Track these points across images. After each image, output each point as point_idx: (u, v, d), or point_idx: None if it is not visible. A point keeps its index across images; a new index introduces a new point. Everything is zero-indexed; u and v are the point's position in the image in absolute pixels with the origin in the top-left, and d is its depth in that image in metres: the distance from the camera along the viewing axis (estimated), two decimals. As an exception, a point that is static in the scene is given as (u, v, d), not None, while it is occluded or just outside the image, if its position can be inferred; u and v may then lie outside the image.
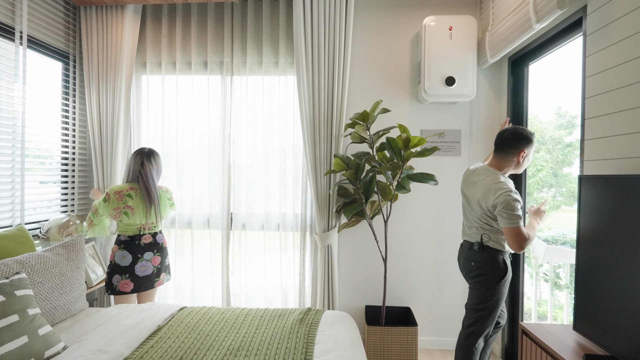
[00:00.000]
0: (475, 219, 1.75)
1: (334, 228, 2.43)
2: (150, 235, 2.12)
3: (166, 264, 2.19)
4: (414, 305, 2.59)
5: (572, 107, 3.47)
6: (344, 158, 2.22)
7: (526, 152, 1.69)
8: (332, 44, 2.38)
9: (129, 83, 2.50)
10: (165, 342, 1.41)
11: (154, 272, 2.11)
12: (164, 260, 2.17)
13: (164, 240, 2.19)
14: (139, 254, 2.08)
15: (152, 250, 2.11)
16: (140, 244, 2.08)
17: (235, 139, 2.59)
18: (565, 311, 2.57)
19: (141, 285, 2.07)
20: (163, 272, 2.16)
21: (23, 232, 1.83)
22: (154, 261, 2.11)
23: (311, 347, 1.40)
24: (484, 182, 1.70)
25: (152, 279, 2.10)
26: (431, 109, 2.58)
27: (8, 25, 2.02)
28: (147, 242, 2.10)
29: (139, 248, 2.09)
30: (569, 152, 3.58)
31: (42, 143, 2.31)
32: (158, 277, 2.13)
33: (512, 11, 2.00)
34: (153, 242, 2.12)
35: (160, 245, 2.16)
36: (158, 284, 2.14)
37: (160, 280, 2.15)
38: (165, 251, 2.19)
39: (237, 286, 2.60)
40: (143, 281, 2.07)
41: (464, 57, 2.36)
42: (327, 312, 1.78)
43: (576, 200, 3.27)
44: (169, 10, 2.57)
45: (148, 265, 2.09)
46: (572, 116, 3.57)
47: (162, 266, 2.15)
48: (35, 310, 1.30)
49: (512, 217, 1.55)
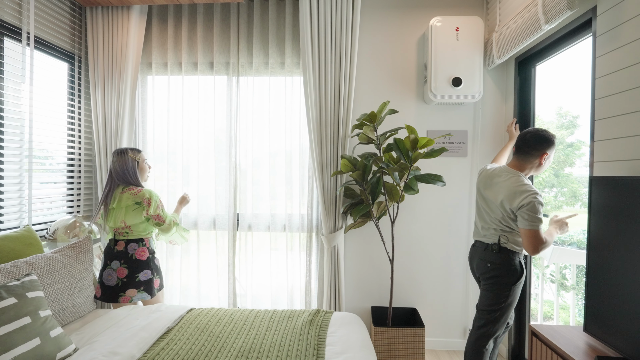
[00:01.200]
0: (494, 221, 1.74)
1: (341, 229, 2.43)
2: (123, 242, 1.95)
3: (138, 280, 1.91)
4: (420, 306, 2.58)
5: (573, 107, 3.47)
6: (351, 159, 2.22)
7: (548, 154, 1.69)
8: (339, 45, 2.38)
9: (134, 84, 2.50)
10: (176, 344, 1.41)
11: (117, 284, 1.89)
12: (135, 275, 1.91)
13: (137, 252, 1.95)
14: (109, 260, 1.95)
15: (120, 259, 1.93)
16: (114, 250, 1.95)
17: (241, 140, 2.59)
18: (571, 312, 2.57)
19: (107, 295, 1.90)
20: (132, 288, 1.90)
21: (31, 233, 1.83)
22: (120, 272, 1.91)
23: (322, 348, 1.40)
24: (506, 183, 1.69)
25: (116, 291, 1.89)
26: (437, 110, 2.58)
27: (15, 25, 2.02)
28: (119, 249, 1.94)
29: (110, 254, 1.96)
30: (570, 153, 3.58)
31: (48, 144, 2.31)
32: (123, 293, 1.88)
33: (520, 12, 2.00)
34: (123, 251, 1.94)
35: (129, 256, 1.92)
36: (123, 299, 1.88)
37: (127, 297, 1.88)
38: (137, 264, 1.93)
39: (243, 287, 2.59)
40: (108, 291, 1.90)
41: (471, 57, 2.36)
42: (336, 314, 1.78)
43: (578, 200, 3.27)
44: (174, 10, 2.57)
45: (113, 275, 1.91)
46: (573, 116, 3.57)
47: (129, 280, 1.90)
48: (46, 312, 1.30)
49: (533, 219, 1.55)
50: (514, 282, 1.69)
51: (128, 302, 1.90)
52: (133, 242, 1.96)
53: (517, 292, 1.71)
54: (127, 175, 1.98)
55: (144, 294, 1.94)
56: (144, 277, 1.94)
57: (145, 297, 1.94)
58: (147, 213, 1.93)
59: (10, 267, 1.45)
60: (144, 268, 1.95)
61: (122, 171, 1.97)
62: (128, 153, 2.00)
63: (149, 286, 1.96)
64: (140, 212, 1.95)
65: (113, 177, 1.99)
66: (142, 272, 1.94)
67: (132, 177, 1.99)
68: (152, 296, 1.98)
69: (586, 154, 2.98)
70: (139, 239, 1.98)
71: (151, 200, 1.95)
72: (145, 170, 2.09)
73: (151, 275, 1.98)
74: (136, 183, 2.00)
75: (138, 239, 1.98)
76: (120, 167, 1.97)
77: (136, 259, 1.94)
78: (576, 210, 3.03)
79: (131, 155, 2.01)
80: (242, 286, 2.60)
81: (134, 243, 1.96)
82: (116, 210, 1.95)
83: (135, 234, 1.97)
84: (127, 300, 1.89)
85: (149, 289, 1.96)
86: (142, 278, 1.94)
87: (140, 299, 1.93)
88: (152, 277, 1.99)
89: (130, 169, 1.99)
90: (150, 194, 1.97)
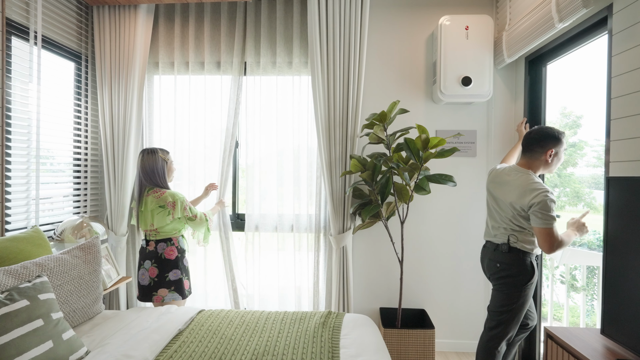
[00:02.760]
0: (504, 220, 1.73)
1: (349, 230, 2.41)
2: (153, 242, 1.99)
3: (168, 280, 1.94)
4: (429, 307, 2.56)
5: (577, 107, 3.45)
6: (360, 159, 2.20)
7: (554, 151, 1.67)
8: (347, 44, 2.36)
9: (141, 83, 2.48)
10: (188, 346, 1.39)
11: (150, 284, 1.94)
12: (165, 275, 1.94)
13: (166, 251, 1.97)
14: (142, 260, 2.00)
15: (151, 259, 1.96)
16: (146, 250, 1.99)
17: (249, 140, 2.57)
18: (581, 313, 2.54)
19: (142, 294, 1.96)
20: (163, 288, 1.93)
21: (39, 233, 1.81)
22: (151, 272, 1.95)
23: (336, 351, 1.38)
24: (517, 182, 1.68)
25: (149, 290, 1.93)
26: (446, 109, 2.55)
27: (23, 25, 2.00)
28: (150, 249, 1.98)
29: (142, 254, 2.01)
30: (572, 152, 3.57)
31: (55, 144, 2.29)
32: (155, 292, 1.92)
33: (532, 10, 1.98)
34: (153, 251, 1.97)
35: (159, 255, 1.95)
36: (156, 299, 1.92)
37: (159, 296, 1.92)
38: (166, 264, 1.95)
39: (245, 287, 2.57)
40: (143, 291, 1.96)
41: (481, 56, 2.34)
42: (348, 315, 1.76)
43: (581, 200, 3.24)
44: (181, 9, 2.55)
45: (146, 275, 1.96)
46: (576, 116, 3.55)
47: (160, 280, 1.93)
48: (58, 314, 1.28)
49: (546, 217, 1.53)
50: (525, 283, 1.66)
51: (160, 301, 1.91)
52: (162, 242, 1.97)
53: (529, 293, 1.69)
54: (155, 175, 1.97)
55: (175, 294, 1.94)
56: (174, 276, 1.95)
57: (177, 298, 1.95)
58: (173, 217, 1.94)
59: (20, 269, 1.44)
60: (172, 267, 1.96)
61: (152, 171, 1.96)
62: (158, 153, 2.00)
63: (179, 286, 1.96)
64: (164, 215, 1.94)
65: (141, 178, 1.98)
66: (172, 272, 1.95)
67: (161, 178, 1.99)
68: (184, 297, 1.98)
69: (588, 154, 2.96)
70: (167, 239, 1.99)
71: (175, 203, 1.94)
72: (172, 171, 2.11)
73: (180, 275, 1.99)
74: (163, 184, 2.00)
75: (166, 238, 1.99)
76: (150, 167, 1.96)
77: (165, 259, 1.95)
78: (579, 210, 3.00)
79: (161, 155, 2.01)
80: (243, 286, 2.57)
81: (163, 243, 1.97)
82: (144, 213, 1.96)
83: (162, 234, 1.98)
84: (159, 299, 1.91)
85: (180, 290, 1.96)
86: (172, 278, 1.95)
87: (172, 299, 1.93)
88: (182, 277, 1.99)
89: (160, 169, 1.99)
90: (174, 196, 1.95)
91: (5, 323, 1.08)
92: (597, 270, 2.50)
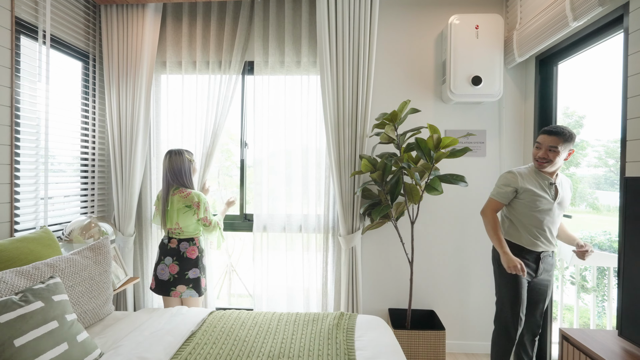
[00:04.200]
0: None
1: (358, 230, 2.39)
2: (176, 241, 2.06)
3: (188, 277, 2.02)
4: (438, 308, 2.55)
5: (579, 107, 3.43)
6: (370, 159, 2.19)
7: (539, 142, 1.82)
8: (357, 43, 2.35)
9: (149, 83, 2.47)
10: (203, 348, 1.37)
11: (170, 279, 2.01)
12: (185, 272, 2.02)
13: (188, 250, 2.04)
14: (162, 255, 2.07)
15: (173, 256, 2.03)
16: (167, 246, 2.06)
17: (256, 140, 2.55)
18: (591, 315, 2.52)
19: (160, 288, 2.03)
20: (182, 285, 2.00)
21: (48, 234, 1.80)
22: (172, 269, 2.02)
23: (352, 353, 1.36)
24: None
25: (168, 285, 2.00)
26: (455, 109, 2.54)
27: (32, 24, 1.99)
28: (172, 246, 2.05)
29: (163, 249, 2.08)
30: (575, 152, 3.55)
31: (63, 144, 2.27)
32: (174, 287, 2.00)
33: (545, 9, 1.96)
34: (175, 249, 2.04)
35: (181, 254, 2.03)
36: (174, 294, 2.01)
37: (177, 292, 2.00)
38: (187, 262, 2.03)
39: (259, 288, 2.55)
40: (161, 285, 2.03)
41: (491, 56, 2.33)
42: (360, 317, 1.74)
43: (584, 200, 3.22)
44: (189, 9, 2.53)
45: (166, 271, 2.03)
46: (579, 116, 3.54)
47: (180, 277, 2.01)
48: (72, 316, 1.27)
49: (495, 187, 1.90)
50: (500, 271, 1.87)
51: (178, 296, 2.01)
52: (184, 241, 2.05)
53: (507, 282, 1.85)
54: (182, 175, 2.05)
55: (193, 291, 2.02)
56: (193, 275, 2.03)
57: (194, 295, 2.03)
58: (198, 216, 2.02)
59: (32, 270, 1.42)
60: (192, 266, 2.04)
61: (179, 171, 2.04)
62: (184, 154, 2.09)
63: (197, 284, 2.04)
64: (190, 215, 2.02)
65: (168, 178, 2.04)
66: (191, 270, 2.03)
67: (187, 178, 2.07)
68: (200, 295, 2.06)
69: (590, 154, 2.94)
70: (190, 238, 2.07)
71: (200, 203, 2.02)
72: (195, 172, 2.19)
73: (199, 274, 2.06)
74: (189, 184, 2.08)
75: (189, 238, 2.06)
76: (177, 168, 2.04)
77: (187, 257, 2.03)
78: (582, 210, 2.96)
79: (187, 156, 2.10)
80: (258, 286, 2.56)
81: (186, 242, 2.05)
82: (170, 212, 2.02)
83: (186, 233, 2.05)
84: (177, 295, 2.00)
85: (197, 288, 2.04)
86: (191, 276, 2.03)
87: (189, 295, 2.02)
88: (200, 275, 2.07)
89: (186, 169, 2.07)
90: (199, 197, 2.03)
91: (22, 325, 1.07)
92: (607, 271, 2.48)
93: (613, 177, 2.77)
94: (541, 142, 1.78)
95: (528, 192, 1.79)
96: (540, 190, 1.79)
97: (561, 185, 1.83)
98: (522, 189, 1.81)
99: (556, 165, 1.77)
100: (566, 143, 1.73)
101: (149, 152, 2.57)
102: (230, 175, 3.13)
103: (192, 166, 2.14)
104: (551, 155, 1.74)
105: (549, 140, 1.74)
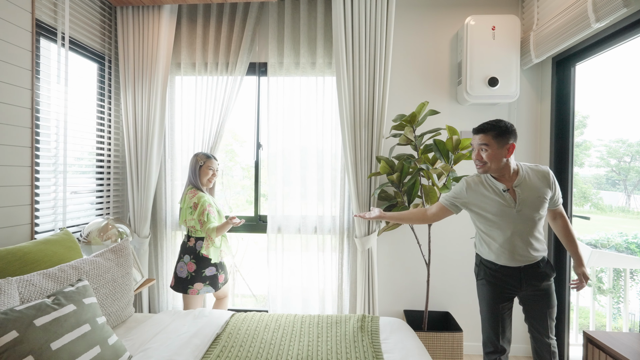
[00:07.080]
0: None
1: (374, 232, 2.39)
2: (194, 239, 2.09)
3: (205, 275, 2.05)
4: (454, 310, 2.54)
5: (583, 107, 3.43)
6: (388, 161, 2.18)
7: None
8: (373, 44, 2.34)
9: (164, 84, 2.46)
10: (230, 350, 1.37)
11: (187, 277, 2.04)
12: (201, 270, 2.05)
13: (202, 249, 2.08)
14: (182, 253, 2.12)
15: (190, 254, 2.08)
16: (186, 245, 2.10)
17: (270, 141, 2.54)
18: (607, 316, 2.52)
19: (178, 286, 2.07)
20: (199, 282, 2.04)
21: (69, 236, 1.80)
22: (189, 267, 2.06)
23: (380, 356, 1.36)
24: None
25: (186, 283, 2.03)
26: (470, 110, 2.53)
27: (51, 25, 1.99)
28: (190, 245, 2.09)
29: (183, 248, 2.12)
30: (579, 153, 3.55)
31: (80, 145, 2.28)
32: (191, 285, 2.02)
33: (565, 10, 1.96)
34: (192, 247, 2.09)
35: (197, 252, 2.06)
36: (192, 291, 2.03)
37: (195, 289, 2.03)
38: (204, 261, 2.06)
39: (273, 289, 2.55)
40: (180, 282, 2.06)
41: (507, 57, 2.32)
42: (383, 319, 1.74)
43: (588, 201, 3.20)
44: (204, 10, 2.53)
45: (184, 268, 2.07)
46: (583, 116, 3.54)
47: (197, 275, 2.04)
48: (102, 318, 1.27)
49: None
50: (476, 283, 1.75)
51: (195, 294, 2.03)
52: (200, 240, 2.08)
53: (482, 292, 1.69)
54: (190, 175, 2.15)
55: (209, 287, 2.07)
56: (210, 272, 2.08)
57: (210, 291, 2.08)
58: (194, 217, 2.06)
59: (58, 272, 1.42)
60: (209, 265, 2.08)
61: (189, 171, 2.16)
62: (197, 155, 2.16)
63: (213, 281, 2.09)
64: (191, 215, 2.07)
65: (188, 177, 2.17)
66: (208, 269, 2.07)
67: (193, 178, 2.13)
68: (216, 290, 2.10)
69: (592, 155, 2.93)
70: (206, 237, 2.08)
71: (198, 204, 2.06)
72: (205, 175, 2.16)
73: (216, 271, 2.11)
74: (195, 184, 2.14)
75: (204, 236, 2.08)
76: (189, 168, 2.16)
77: (203, 256, 2.06)
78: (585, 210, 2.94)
79: (197, 157, 2.16)
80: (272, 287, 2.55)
81: (201, 240, 2.08)
82: (183, 210, 2.11)
83: (200, 232, 2.08)
84: (194, 292, 2.03)
85: (214, 284, 2.09)
86: (208, 274, 2.07)
87: (206, 292, 2.06)
88: (217, 273, 2.12)
89: (192, 170, 2.14)
90: (199, 199, 2.06)
91: (57, 328, 1.07)
92: (623, 272, 2.47)
93: (615, 177, 2.77)
94: (472, 144, 1.59)
95: (475, 205, 1.60)
96: (493, 197, 1.54)
97: (523, 185, 1.53)
98: (468, 203, 1.63)
99: (497, 164, 1.51)
100: (498, 137, 1.49)
101: (163, 154, 2.57)
102: (232, 175, 3.13)
103: (202, 169, 2.14)
104: (485, 156, 1.51)
105: (477, 139, 1.54)
